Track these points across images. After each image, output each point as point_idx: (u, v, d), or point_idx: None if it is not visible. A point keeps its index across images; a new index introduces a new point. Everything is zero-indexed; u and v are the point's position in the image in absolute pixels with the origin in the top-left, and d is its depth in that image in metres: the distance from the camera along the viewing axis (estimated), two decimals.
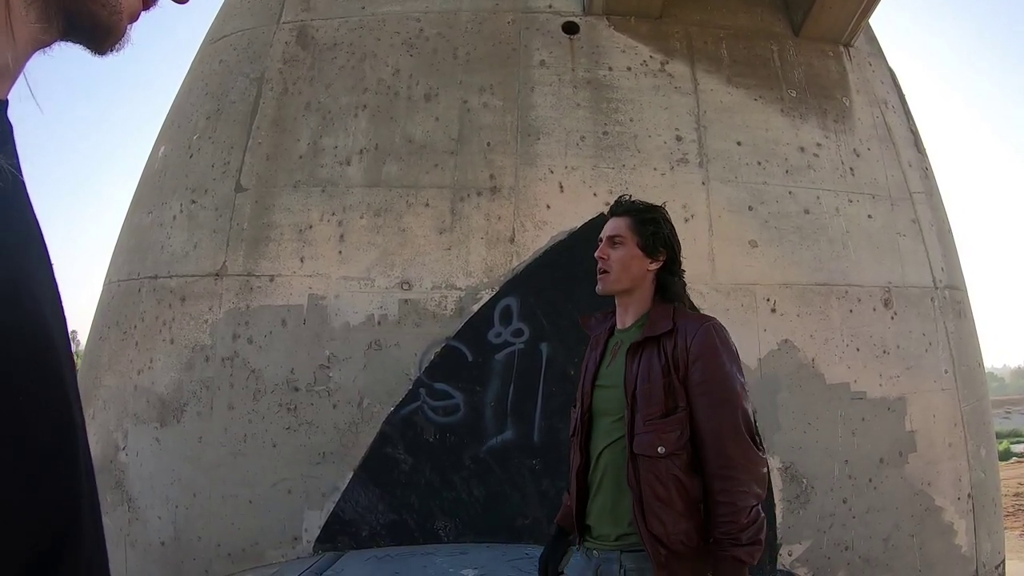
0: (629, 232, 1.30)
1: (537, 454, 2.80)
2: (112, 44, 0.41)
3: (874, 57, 3.95)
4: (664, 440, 1.19)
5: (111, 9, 0.39)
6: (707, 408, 1.20)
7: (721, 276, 3.05)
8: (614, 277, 1.30)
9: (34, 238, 0.36)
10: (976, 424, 3.48)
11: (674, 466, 1.19)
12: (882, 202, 3.47)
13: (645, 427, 1.21)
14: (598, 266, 1.31)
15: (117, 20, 0.39)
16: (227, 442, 2.89)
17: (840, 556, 3.02)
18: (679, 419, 1.21)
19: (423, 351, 2.84)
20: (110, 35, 0.40)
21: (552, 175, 3.04)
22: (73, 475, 0.35)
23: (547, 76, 3.19)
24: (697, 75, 3.31)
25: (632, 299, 1.32)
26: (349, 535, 2.80)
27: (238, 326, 2.96)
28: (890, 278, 3.33)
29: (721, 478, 1.17)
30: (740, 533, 1.14)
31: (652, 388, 1.22)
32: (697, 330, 1.23)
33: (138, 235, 3.40)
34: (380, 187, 3.02)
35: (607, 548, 1.26)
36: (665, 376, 1.21)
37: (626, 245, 1.30)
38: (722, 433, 1.19)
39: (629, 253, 1.30)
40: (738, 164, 3.20)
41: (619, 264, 1.29)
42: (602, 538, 1.28)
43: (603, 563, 1.26)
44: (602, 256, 1.31)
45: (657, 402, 1.21)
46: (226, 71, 3.46)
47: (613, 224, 1.34)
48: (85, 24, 0.38)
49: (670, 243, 1.33)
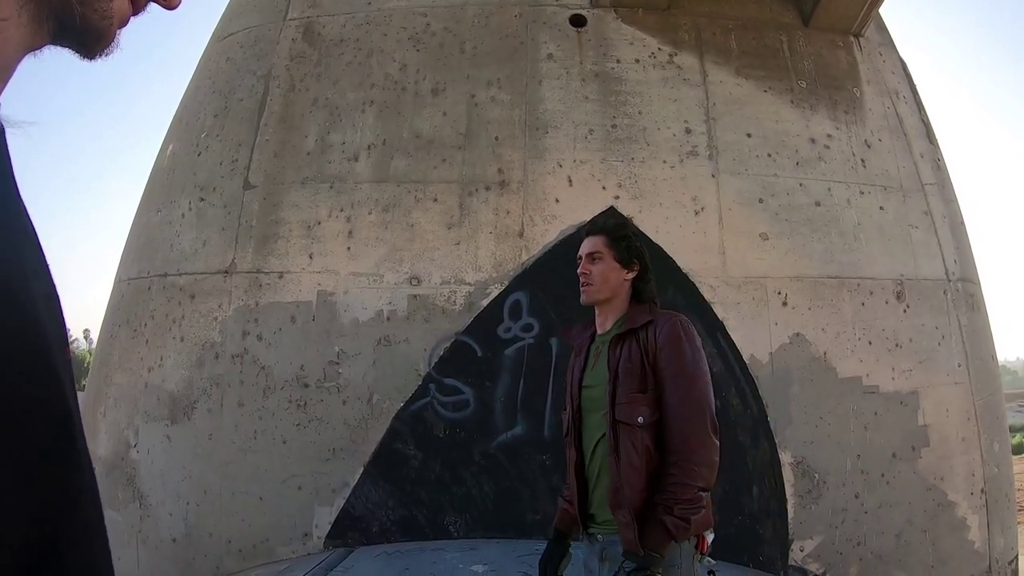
0: (606, 248, 1.46)
1: (547, 449, 2.79)
2: (102, 49, 0.40)
3: (884, 47, 3.90)
4: (641, 412, 1.34)
5: (102, 14, 0.39)
6: (671, 390, 1.34)
7: (732, 269, 3.02)
8: (596, 288, 1.44)
9: (28, 237, 0.36)
10: (990, 418, 3.44)
11: (647, 437, 1.33)
12: (894, 194, 3.43)
13: (626, 398, 1.35)
14: (580, 280, 1.46)
15: (108, 25, 0.39)
16: (237, 439, 2.89)
17: (852, 552, 2.99)
18: (652, 397, 1.35)
19: (432, 346, 2.84)
20: (101, 40, 0.40)
21: (561, 169, 3.02)
22: (73, 472, 0.34)
23: (555, 69, 3.17)
24: (706, 67, 3.28)
25: (611, 306, 1.47)
26: (359, 531, 2.80)
27: (247, 323, 2.97)
28: (902, 271, 3.29)
29: (675, 453, 1.30)
30: (675, 504, 1.26)
31: (632, 368, 1.37)
32: (665, 322, 1.39)
33: (147, 233, 3.41)
34: (388, 183, 3.01)
35: (611, 532, 1.36)
36: (641, 361, 1.37)
37: (604, 259, 1.45)
38: (681, 414, 1.32)
39: (608, 266, 1.45)
40: (748, 156, 3.17)
41: (600, 277, 1.44)
42: (606, 523, 1.38)
43: (608, 545, 1.37)
44: (584, 272, 1.45)
45: (635, 378, 1.36)
46: (233, 69, 3.46)
47: (591, 242, 1.48)
48: (76, 28, 0.38)
49: (641, 254, 1.49)
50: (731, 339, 2.96)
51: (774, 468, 2.94)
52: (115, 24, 0.40)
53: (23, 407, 0.31)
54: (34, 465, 0.31)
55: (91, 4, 0.38)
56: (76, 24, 0.38)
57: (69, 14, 0.37)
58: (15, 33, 0.36)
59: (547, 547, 1.51)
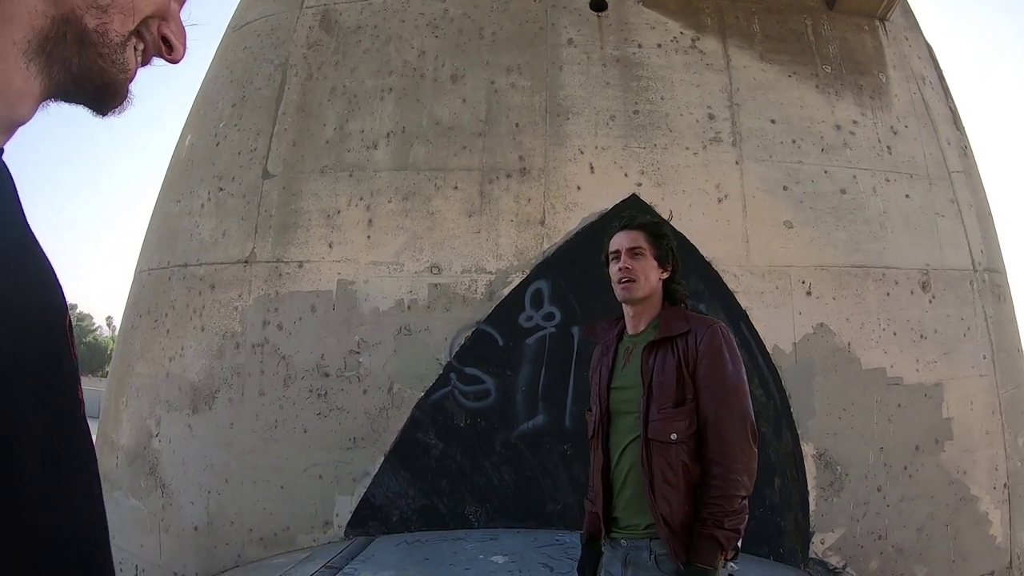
0: (647, 244, 1.43)
1: (568, 439, 2.77)
2: (117, 104, 0.40)
3: (910, 31, 3.81)
4: (676, 428, 1.30)
5: (120, 67, 0.38)
6: (712, 400, 1.31)
7: (755, 258, 2.98)
8: (639, 285, 1.40)
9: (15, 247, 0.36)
10: (1015, 412, 3.38)
11: (683, 452, 1.29)
12: (920, 181, 3.36)
13: (659, 415, 1.32)
14: (620, 276, 1.41)
15: (124, 80, 0.39)
16: (258, 428, 2.90)
17: (873, 545, 2.96)
18: (688, 410, 1.32)
19: (453, 336, 2.82)
20: (117, 95, 0.39)
21: (582, 155, 2.97)
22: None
23: (575, 55, 3.12)
24: (729, 51, 3.21)
25: (646, 305, 1.43)
26: (380, 520, 2.80)
27: (268, 312, 2.96)
28: (928, 260, 3.22)
29: (718, 464, 1.28)
30: (724, 517, 1.24)
31: (666, 380, 1.33)
32: (706, 331, 1.35)
33: (167, 224, 3.41)
34: (408, 170, 2.99)
35: (636, 537, 1.35)
36: (677, 370, 1.33)
37: (645, 256, 1.42)
38: (723, 423, 1.30)
39: (648, 264, 1.42)
40: (772, 143, 3.11)
41: (642, 274, 1.41)
42: (631, 528, 1.36)
43: (632, 551, 1.35)
44: (627, 267, 1.41)
45: (669, 393, 1.32)
46: (250, 58, 3.44)
47: (630, 236, 1.45)
48: (95, 82, 0.38)
49: (676, 255, 1.47)
50: (754, 328, 2.91)
51: (796, 460, 2.91)
52: (130, 79, 0.39)
53: None
54: None
55: (110, 57, 0.37)
56: (95, 78, 0.38)
57: (88, 68, 0.37)
58: (22, 84, 0.35)
59: (581, 553, 1.50)
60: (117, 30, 0.38)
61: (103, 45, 0.37)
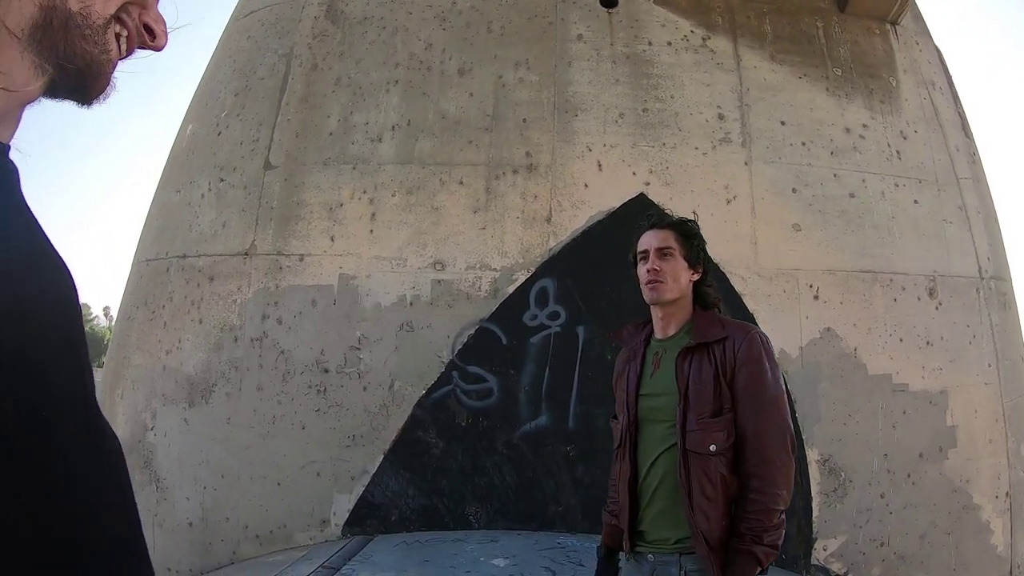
0: (677, 244, 1.37)
1: (572, 440, 2.74)
2: (100, 90, 0.41)
3: (921, 36, 3.79)
4: (715, 439, 1.25)
5: (102, 48, 0.39)
6: (751, 411, 1.26)
7: (763, 260, 2.94)
8: (668, 287, 1.34)
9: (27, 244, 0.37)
10: (1018, 421, 3.36)
11: (721, 464, 1.24)
12: (929, 187, 3.34)
13: (697, 425, 1.26)
14: (648, 277, 1.35)
15: (107, 61, 0.40)
16: (256, 424, 2.85)
17: (875, 552, 2.93)
18: (726, 420, 1.26)
19: (456, 333, 2.78)
20: (99, 78, 0.40)
21: (590, 153, 2.94)
22: (40, 469, 0.33)
23: (585, 51, 3.08)
24: (740, 51, 3.18)
25: (676, 308, 1.37)
26: (378, 519, 2.76)
27: (267, 306, 2.92)
28: (935, 267, 3.20)
29: (758, 477, 1.22)
30: (763, 533, 1.19)
31: (703, 389, 1.27)
32: (744, 338, 1.30)
33: (166, 214, 3.36)
34: (413, 164, 2.94)
35: (665, 552, 1.29)
36: (715, 379, 1.27)
37: (675, 257, 1.36)
38: (762, 435, 1.24)
39: (678, 264, 1.36)
40: (782, 144, 3.08)
41: (671, 275, 1.35)
42: (659, 542, 1.31)
43: (659, 567, 1.29)
44: (655, 268, 1.35)
45: (707, 402, 1.26)
46: (254, 47, 3.39)
47: (659, 236, 1.38)
48: (78, 64, 0.38)
49: (707, 256, 1.42)
50: None
51: (801, 465, 2.88)
52: (112, 62, 0.40)
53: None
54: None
55: (92, 39, 0.38)
56: (79, 60, 0.38)
57: (72, 51, 0.38)
58: (19, 75, 0.36)
59: (598, 566, 1.44)
60: (99, 12, 0.38)
61: (87, 27, 0.38)
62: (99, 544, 0.36)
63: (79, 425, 0.36)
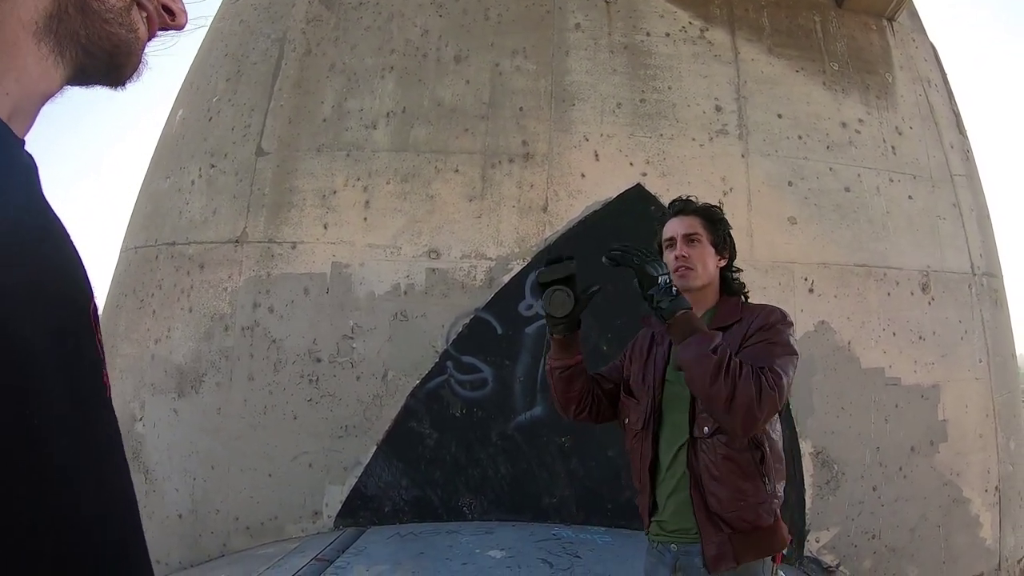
0: (704, 230, 1.35)
1: (567, 432, 2.72)
2: (132, 69, 0.40)
3: (917, 33, 3.80)
4: (709, 420, 1.22)
5: (128, 27, 0.39)
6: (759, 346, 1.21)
7: (759, 253, 2.94)
8: (697, 273, 1.33)
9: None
10: (1007, 416, 3.39)
11: (719, 444, 1.22)
12: (923, 183, 3.35)
13: (702, 410, 1.24)
14: (677, 264, 1.33)
15: (135, 39, 0.39)
16: (247, 414, 2.81)
17: (867, 545, 2.95)
18: None
19: (451, 323, 2.75)
20: (131, 56, 0.39)
21: (587, 143, 2.91)
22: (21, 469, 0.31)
23: (582, 40, 3.05)
24: (737, 43, 3.17)
25: (704, 295, 1.36)
26: (371, 511, 2.73)
27: (259, 294, 2.87)
28: (929, 262, 3.22)
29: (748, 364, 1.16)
30: (722, 351, 1.13)
31: None
32: (760, 311, 1.29)
33: (155, 201, 3.30)
34: (408, 152, 2.90)
35: (687, 542, 1.27)
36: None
37: (702, 243, 1.34)
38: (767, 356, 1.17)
39: (706, 251, 1.34)
40: (778, 137, 3.07)
41: (700, 261, 1.34)
42: (679, 532, 1.29)
43: (682, 556, 1.28)
44: (684, 254, 1.33)
45: None
46: (247, 32, 3.33)
47: (685, 222, 1.36)
48: (105, 47, 0.38)
49: (733, 241, 1.40)
50: None
51: (794, 458, 2.88)
52: (140, 40, 0.40)
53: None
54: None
55: (116, 21, 0.38)
56: (105, 43, 0.38)
57: (96, 35, 0.37)
58: (35, 68, 0.35)
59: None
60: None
61: (106, 11, 0.38)
62: (95, 547, 0.34)
63: (75, 418, 0.35)
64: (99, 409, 0.38)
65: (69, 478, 0.33)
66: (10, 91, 0.35)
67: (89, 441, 0.36)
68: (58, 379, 0.33)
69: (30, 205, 0.35)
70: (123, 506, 0.38)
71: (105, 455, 0.37)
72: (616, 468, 2.68)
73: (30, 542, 0.30)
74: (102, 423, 0.38)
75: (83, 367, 0.36)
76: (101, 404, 0.38)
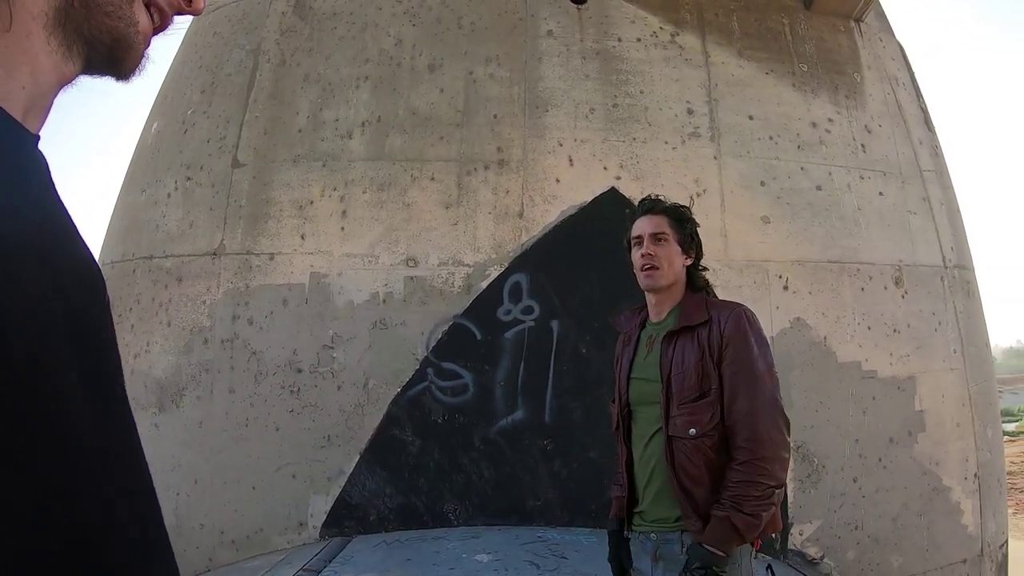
0: (671, 229, 1.37)
1: (549, 434, 2.74)
2: (134, 63, 0.41)
3: (884, 33, 3.89)
4: (696, 422, 1.25)
5: (127, 21, 0.39)
6: (738, 388, 1.26)
7: (733, 252, 2.99)
8: (663, 273, 1.35)
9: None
10: (983, 404, 3.46)
11: (705, 446, 1.25)
12: (893, 179, 3.42)
13: (679, 410, 1.27)
14: (643, 263, 1.36)
15: (135, 33, 0.40)
16: (228, 427, 2.80)
17: (850, 535, 3.00)
18: (711, 401, 1.26)
19: (430, 330, 2.76)
20: (131, 50, 0.40)
21: (561, 148, 2.95)
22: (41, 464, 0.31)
23: (555, 46, 3.09)
24: (708, 47, 3.23)
25: (670, 294, 1.38)
26: (356, 520, 2.73)
27: (237, 306, 2.87)
28: (901, 256, 3.28)
29: (746, 451, 1.23)
30: (744, 501, 1.19)
31: (686, 373, 1.28)
32: (729, 315, 1.30)
33: (131, 214, 3.28)
34: (383, 161, 2.92)
35: (666, 530, 1.30)
36: (700, 361, 1.27)
37: (669, 242, 1.36)
38: (751, 411, 1.24)
39: (672, 250, 1.36)
40: (750, 139, 3.13)
41: (667, 261, 1.35)
42: (660, 521, 1.32)
43: (662, 545, 1.31)
44: (649, 253, 1.35)
45: (690, 386, 1.27)
46: (221, 43, 3.33)
47: (653, 221, 1.38)
48: (105, 40, 0.39)
49: (699, 240, 1.42)
50: None
51: None
52: (141, 34, 0.40)
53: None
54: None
55: (116, 14, 0.38)
56: (105, 36, 0.38)
57: (97, 27, 0.38)
58: (47, 61, 0.36)
59: (610, 540, 1.43)
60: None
61: (107, 4, 0.38)
62: (111, 550, 0.34)
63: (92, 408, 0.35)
64: (117, 403, 0.38)
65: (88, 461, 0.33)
66: (25, 85, 0.35)
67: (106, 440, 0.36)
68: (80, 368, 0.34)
69: (49, 203, 0.36)
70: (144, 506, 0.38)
71: (121, 450, 0.37)
72: (599, 469, 2.71)
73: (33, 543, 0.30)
74: (121, 417, 0.38)
75: (103, 359, 0.37)
76: (117, 399, 0.38)
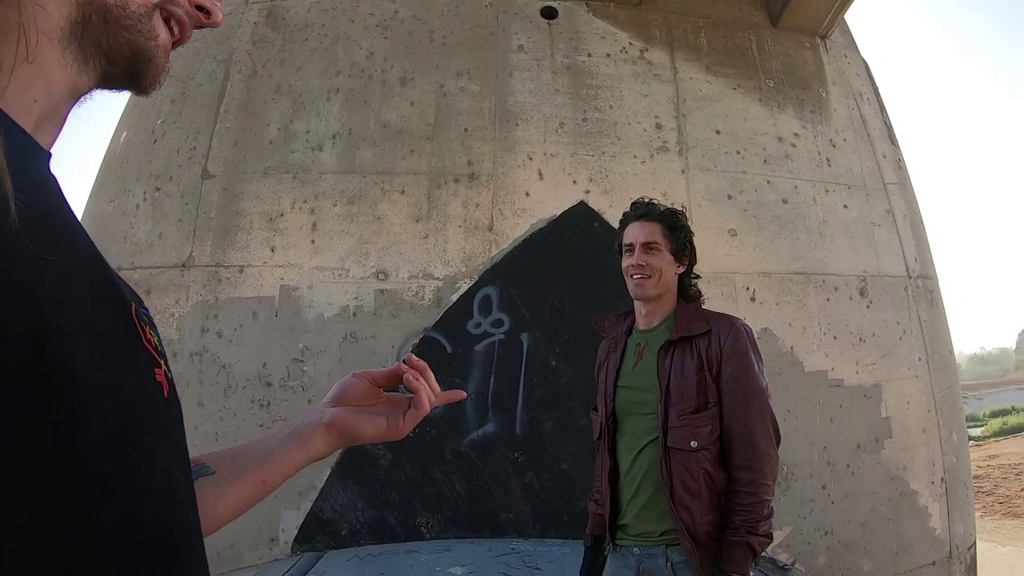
0: (663, 238, 1.34)
1: (520, 446, 2.75)
2: (154, 77, 0.41)
3: (849, 49, 4.00)
4: (697, 435, 1.24)
5: (147, 35, 0.39)
6: (737, 405, 1.25)
7: (701, 264, 2.96)
8: (654, 282, 1.32)
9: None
10: (948, 410, 3.55)
11: (704, 460, 1.24)
12: (857, 192, 3.51)
13: (679, 421, 1.25)
14: (633, 272, 1.33)
15: (155, 47, 0.40)
16: (198, 441, 2.75)
17: (820, 541, 3.05)
18: (710, 415, 1.25)
19: (401, 343, 2.76)
20: (151, 64, 0.40)
21: (531, 162, 2.98)
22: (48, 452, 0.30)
23: (526, 61, 3.13)
24: (677, 63, 3.29)
25: (660, 302, 1.35)
26: (328, 535, 2.70)
27: (206, 319, 2.83)
28: (865, 267, 3.37)
29: (748, 470, 1.22)
30: (758, 524, 1.20)
31: (685, 384, 1.25)
32: (729, 331, 1.28)
33: (99, 225, 3.23)
34: (354, 173, 2.92)
35: (650, 544, 1.28)
36: (699, 373, 1.25)
37: (661, 251, 1.34)
38: (751, 429, 1.24)
39: (664, 259, 1.34)
40: (717, 153, 3.19)
41: (658, 271, 1.33)
42: (644, 535, 1.29)
43: (646, 559, 1.28)
44: (641, 263, 1.32)
45: (690, 397, 1.25)
46: (192, 53, 3.31)
47: (645, 229, 1.35)
48: (125, 54, 0.39)
49: (693, 248, 1.40)
50: None
51: None
52: (161, 47, 0.40)
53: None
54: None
55: (135, 28, 0.38)
56: (125, 50, 0.38)
57: (116, 42, 0.38)
58: (60, 75, 0.36)
59: (585, 556, 1.41)
60: (138, 1, 0.39)
61: (125, 17, 0.38)
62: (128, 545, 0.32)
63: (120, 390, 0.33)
64: (151, 408, 0.37)
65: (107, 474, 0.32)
66: (38, 98, 0.35)
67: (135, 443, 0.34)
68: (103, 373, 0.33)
69: (64, 221, 0.35)
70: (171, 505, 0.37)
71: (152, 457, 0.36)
72: (570, 481, 2.72)
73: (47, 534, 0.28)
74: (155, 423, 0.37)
75: (130, 364, 0.36)
76: (151, 403, 0.37)
